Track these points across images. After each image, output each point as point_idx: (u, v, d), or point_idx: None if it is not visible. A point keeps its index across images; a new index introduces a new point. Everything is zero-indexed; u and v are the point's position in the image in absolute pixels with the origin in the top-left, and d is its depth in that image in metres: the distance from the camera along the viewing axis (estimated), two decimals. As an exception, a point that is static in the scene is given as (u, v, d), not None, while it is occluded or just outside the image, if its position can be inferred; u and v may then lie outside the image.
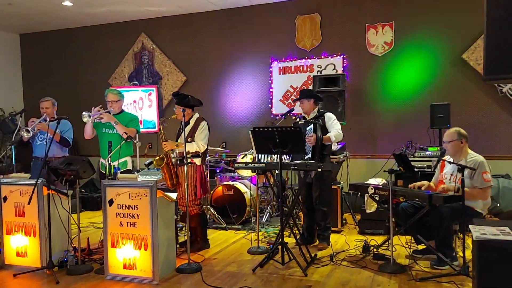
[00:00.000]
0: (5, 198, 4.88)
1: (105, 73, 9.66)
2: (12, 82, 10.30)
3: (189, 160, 5.04)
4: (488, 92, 6.98)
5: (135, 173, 5.37)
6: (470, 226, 3.11)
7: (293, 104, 8.02)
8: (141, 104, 8.66)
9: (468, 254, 4.31)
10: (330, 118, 5.35)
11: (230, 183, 6.70)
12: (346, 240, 5.74)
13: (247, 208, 6.49)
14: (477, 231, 2.95)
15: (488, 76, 2.94)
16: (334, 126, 5.29)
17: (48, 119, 5.63)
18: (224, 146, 8.15)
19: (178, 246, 5.16)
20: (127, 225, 4.38)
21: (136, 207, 4.34)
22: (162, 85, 9.15)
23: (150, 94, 8.65)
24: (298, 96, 5.54)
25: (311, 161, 5.01)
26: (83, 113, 5.19)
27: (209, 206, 6.57)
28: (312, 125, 5.25)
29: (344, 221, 6.43)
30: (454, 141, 4.55)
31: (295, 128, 4.68)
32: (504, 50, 2.72)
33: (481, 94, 7.03)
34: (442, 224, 4.32)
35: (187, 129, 5.17)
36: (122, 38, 9.47)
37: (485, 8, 2.97)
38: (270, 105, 8.37)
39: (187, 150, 4.83)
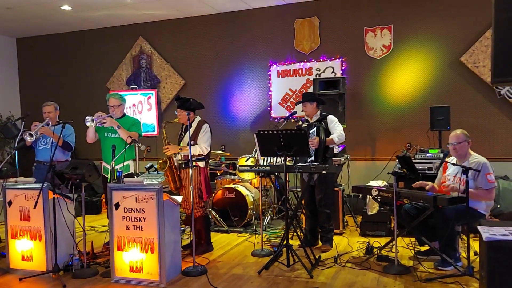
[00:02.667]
0: (10, 203, 4.87)
1: (103, 77, 9.66)
2: (9, 87, 10.26)
3: (193, 163, 5.05)
4: (487, 95, 7.05)
5: (135, 177, 5.37)
6: (479, 227, 3.16)
7: (292, 107, 8.08)
8: (140, 107, 8.66)
9: (471, 255, 4.36)
10: (333, 121, 5.40)
11: (232, 186, 6.71)
12: (348, 242, 5.77)
13: (249, 211, 6.50)
14: (486, 232, 2.99)
15: (496, 79, 2.97)
16: (337, 128, 5.33)
17: (50, 123, 5.63)
18: (223, 149, 8.17)
19: (181, 249, 5.17)
20: (134, 229, 4.39)
21: (143, 210, 4.35)
22: (160, 89, 9.16)
23: (149, 97, 8.65)
24: (300, 99, 5.58)
25: (315, 163, 5.05)
26: (86, 117, 5.19)
27: (210, 209, 6.58)
28: (315, 128, 5.29)
29: (345, 223, 6.47)
30: (463, 142, 4.62)
31: (300, 131, 4.71)
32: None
33: (479, 97, 7.10)
34: (446, 225, 4.37)
35: (190, 131, 5.19)
36: (120, 42, 9.47)
37: (493, 11, 3.00)
38: (269, 108, 8.40)
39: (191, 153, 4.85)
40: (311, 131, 5.28)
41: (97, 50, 9.71)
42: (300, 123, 5.71)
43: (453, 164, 4.64)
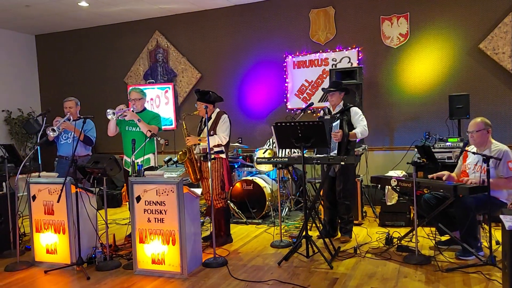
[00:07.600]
0: (34, 197, 4.96)
1: (120, 72, 9.75)
2: (29, 83, 10.43)
3: (213, 155, 5.10)
4: (506, 82, 6.97)
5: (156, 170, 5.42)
6: (501, 216, 3.14)
7: (308, 98, 8.05)
8: (158, 101, 8.72)
9: (492, 244, 4.33)
10: (357, 113, 5.33)
11: (249, 178, 6.74)
12: (368, 232, 5.78)
13: (267, 203, 6.53)
14: (509, 221, 2.98)
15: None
16: (360, 122, 5.27)
17: (72, 118, 5.71)
18: (240, 141, 8.20)
19: (201, 241, 5.21)
20: (155, 221, 4.45)
21: (164, 203, 4.40)
22: (177, 82, 9.21)
23: (166, 91, 8.70)
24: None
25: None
26: (108, 110, 5.27)
27: (229, 201, 6.62)
28: (338, 121, 5.23)
29: (364, 214, 6.47)
30: (481, 131, 4.57)
31: (318, 122, 4.70)
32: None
33: (498, 84, 7.02)
34: (467, 215, 4.34)
35: (209, 124, 5.23)
36: (136, 36, 9.54)
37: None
38: (285, 100, 8.40)
39: (210, 144, 4.89)
40: (334, 124, 5.21)
41: (114, 45, 9.80)
42: (322, 113, 5.67)
43: (473, 153, 4.60)
